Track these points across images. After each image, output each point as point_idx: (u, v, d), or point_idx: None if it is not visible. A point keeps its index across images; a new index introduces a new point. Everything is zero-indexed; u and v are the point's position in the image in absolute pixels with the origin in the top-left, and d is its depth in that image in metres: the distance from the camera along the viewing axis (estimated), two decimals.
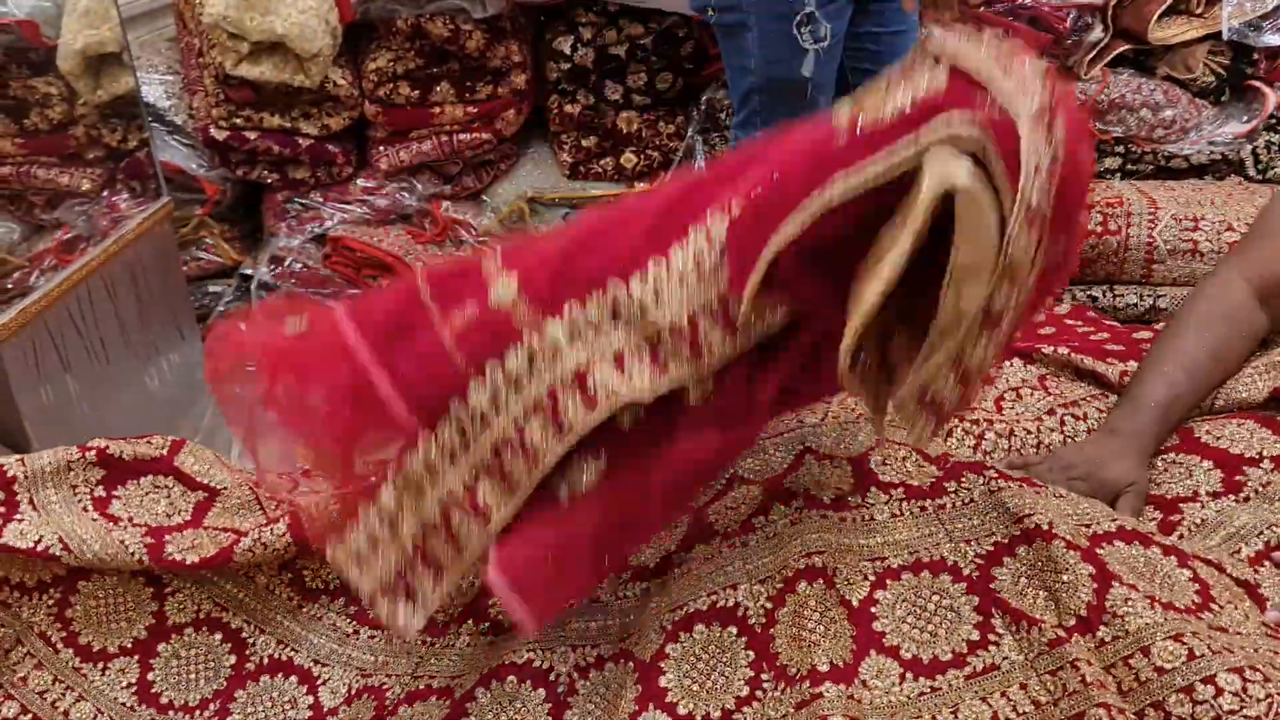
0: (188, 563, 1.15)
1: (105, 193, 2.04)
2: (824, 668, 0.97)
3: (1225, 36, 2.06)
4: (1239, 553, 1.12)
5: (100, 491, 1.20)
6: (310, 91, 2.07)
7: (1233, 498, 1.18)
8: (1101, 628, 0.88)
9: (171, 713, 1.14)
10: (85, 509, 1.17)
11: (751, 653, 1.02)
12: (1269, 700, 0.87)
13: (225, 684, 1.16)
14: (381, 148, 2.20)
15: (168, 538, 1.16)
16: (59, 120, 1.97)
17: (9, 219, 2.04)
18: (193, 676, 1.18)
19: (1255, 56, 2.11)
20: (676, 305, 0.93)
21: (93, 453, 1.20)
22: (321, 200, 2.21)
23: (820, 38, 1.66)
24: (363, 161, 2.25)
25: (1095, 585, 0.96)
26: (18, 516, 1.13)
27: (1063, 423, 1.39)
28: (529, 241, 1.05)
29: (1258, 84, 2.12)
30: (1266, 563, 1.11)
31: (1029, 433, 1.36)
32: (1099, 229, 1.78)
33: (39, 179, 2.01)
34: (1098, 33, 2.07)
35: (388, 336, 0.97)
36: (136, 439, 1.25)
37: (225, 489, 1.26)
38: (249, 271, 2.24)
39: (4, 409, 1.57)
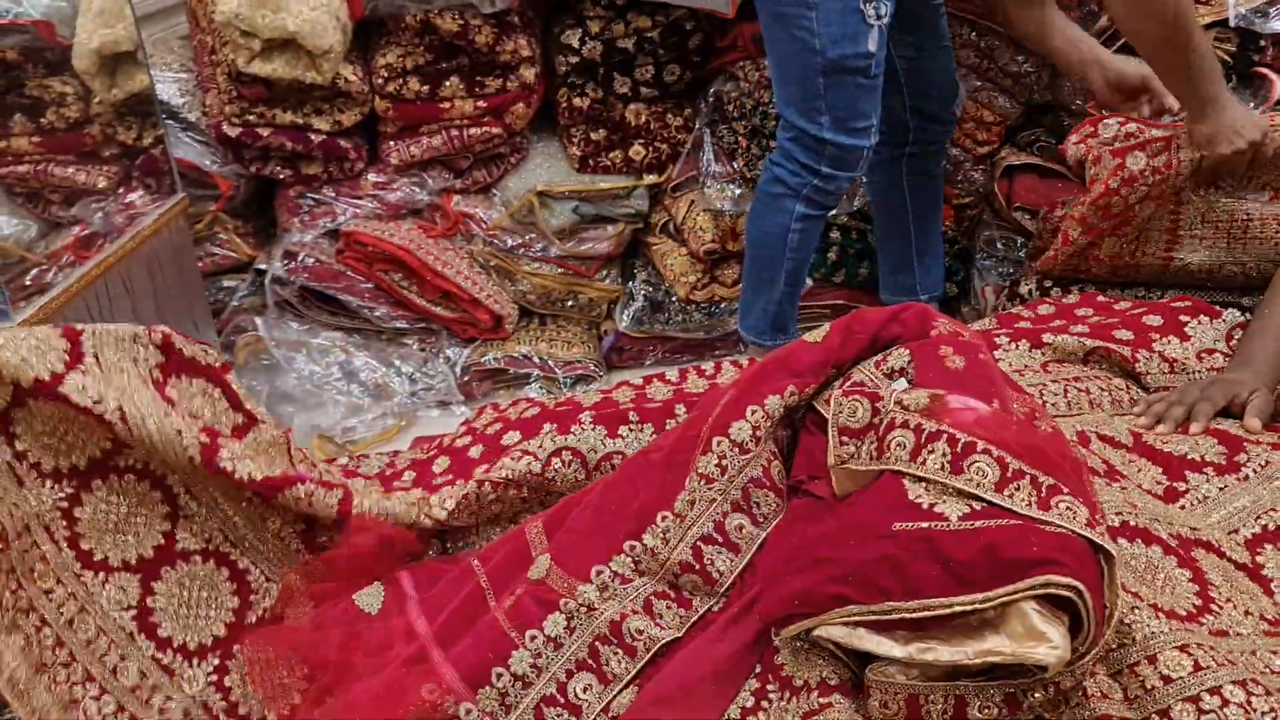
0: (236, 475, 1.12)
1: (121, 190, 2.06)
2: (833, 680, 0.99)
3: (1232, 23, 2.06)
4: (1236, 533, 1.14)
5: (157, 375, 1.15)
6: (322, 88, 2.09)
7: (1233, 476, 1.21)
8: (1107, 633, 0.91)
9: (170, 652, 1.12)
10: (145, 382, 1.12)
11: (759, 665, 1.05)
12: (1272, 713, 0.90)
13: (226, 633, 1.15)
14: (392, 143, 2.21)
15: (221, 441, 1.13)
16: (75, 119, 2.00)
17: (27, 216, 2.07)
18: (195, 614, 1.15)
19: (1262, 43, 2.10)
20: (680, 542, 1.11)
21: (157, 335, 1.16)
22: (334, 195, 2.23)
23: (881, 15, 1.68)
24: (374, 156, 2.27)
25: None
26: (81, 367, 1.06)
27: (1065, 391, 1.42)
28: (565, 506, 1.22)
29: (1265, 70, 2.12)
30: (1266, 546, 1.13)
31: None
32: (1107, 274, 1.84)
33: (56, 177, 2.04)
34: (1105, 19, 2.07)
35: (450, 625, 1.12)
36: (194, 341, 1.21)
37: (263, 421, 1.25)
38: (263, 266, 2.26)
39: None
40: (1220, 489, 1.21)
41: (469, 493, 1.29)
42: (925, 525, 0.94)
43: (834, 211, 2.25)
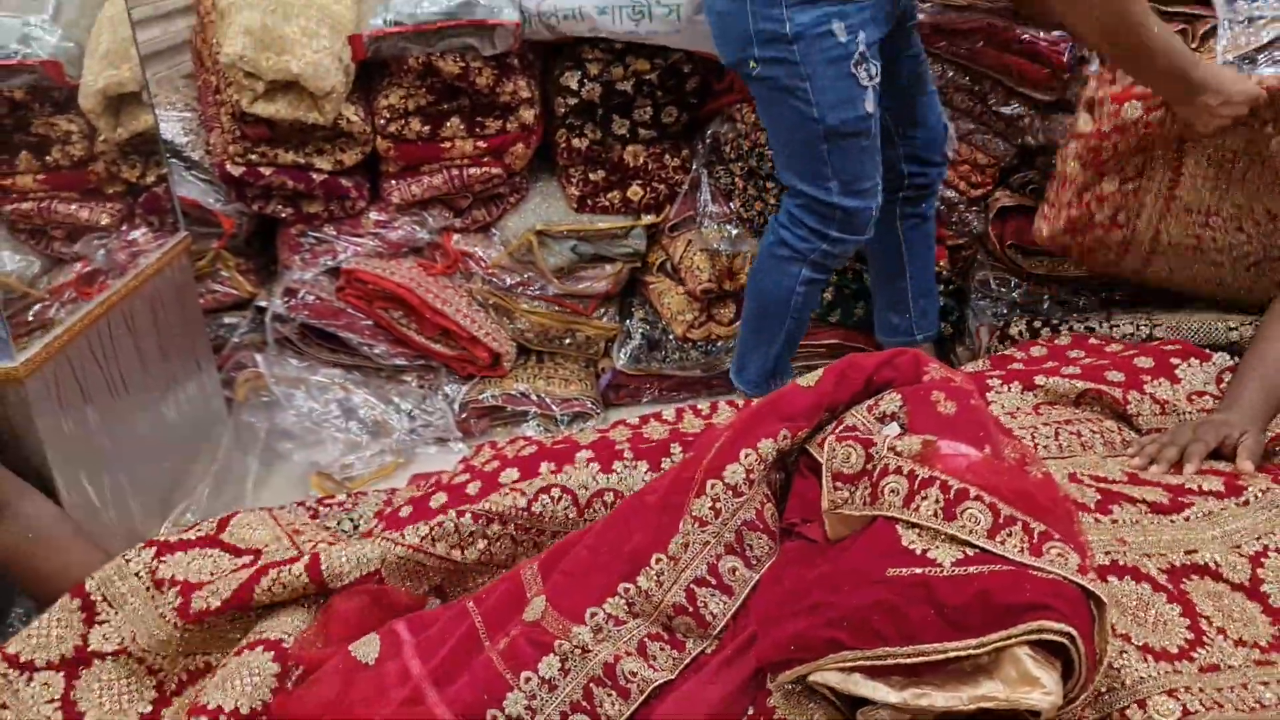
0: (211, 609, 1.23)
1: (124, 227, 2.08)
2: None
3: None
4: (1239, 549, 1.15)
5: (153, 564, 1.30)
6: (324, 128, 2.12)
7: (1234, 500, 1.23)
8: (1096, 678, 0.92)
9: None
10: (147, 588, 1.28)
11: (752, 708, 1.06)
12: None
13: (272, 697, 1.21)
14: (393, 182, 2.24)
15: (194, 594, 1.25)
16: (80, 156, 2.02)
17: (30, 252, 2.09)
18: (232, 685, 1.22)
19: None
20: (674, 585, 1.12)
21: (140, 543, 1.32)
22: (335, 233, 2.26)
23: (873, 75, 1.71)
24: (375, 195, 2.29)
25: None
26: (100, 619, 1.25)
27: (1057, 434, 1.44)
28: (561, 549, 1.23)
29: None
30: (1270, 556, 1.14)
31: (1025, 440, 1.41)
32: (1107, 222, 1.80)
33: (60, 214, 2.06)
34: (1095, 66, 2.11)
35: (445, 666, 1.14)
36: (190, 528, 1.38)
37: (266, 547, 1.33)
38: (263, 304, 2.28)
39: (28, 440, 1.61)
40: (1222, 508, 1.22)
41: (445, 521, 1.30)
42: (919, 571, 0.95)
43: None
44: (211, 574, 1.28)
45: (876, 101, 1.73)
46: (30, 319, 1.83)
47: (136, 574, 1.28)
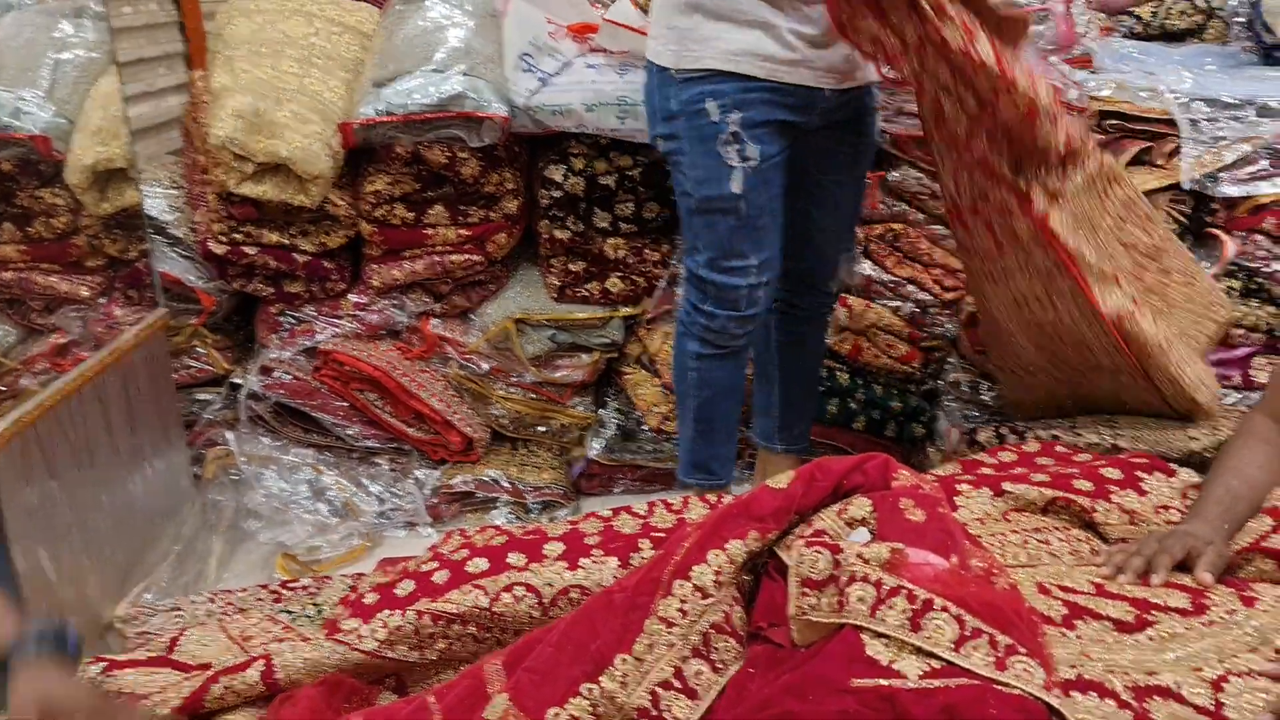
0: (160, 714, 1.21)
1: (102, 300, 2.08)
2: None
3: (1185, 187, 2.16)
4: (1200, 671, 1.15)
5: (100, 679, 1.30)
6: (309, 210, 2.14)
7: (1199, 620, 1.23)
8: None
9: None
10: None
11: None
12: None
13: None
14: (375, 265, 2.26)
15: (144, 700, 1.24)
16: (63, 230, 2.04)
17: (6, 322, 2.09)
18: None
19: (1214, 206, 2.21)
20: (638, 687, 1.10)
21: (88, 659, 1.32)
22: (314, 314, 2.27)
23: (747, 157, 1.73)
24: (355, 277, 2.31)
25: None
26: None
27: (1025, 542, 1.45)
28: (526, 645, 1.22)
29: (1217, 232, 2.22)
30: (1231, 680, 1.14)
31: (993, 549, 1.41)
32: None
33: (39, 285, 2.06)
34: None
35: None
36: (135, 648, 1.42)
37: (216, 659, 1.35)
38: (239, 381, 2.27)
39: None
40: (1186, 629, 1.23)
41: (404, 625, 1.29)
42: (885, 683, 0.95)
43: None
44: (161, 687, 1.27)
45: (753, 184, 1.74)
46: (2, 389, 1.83)
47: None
